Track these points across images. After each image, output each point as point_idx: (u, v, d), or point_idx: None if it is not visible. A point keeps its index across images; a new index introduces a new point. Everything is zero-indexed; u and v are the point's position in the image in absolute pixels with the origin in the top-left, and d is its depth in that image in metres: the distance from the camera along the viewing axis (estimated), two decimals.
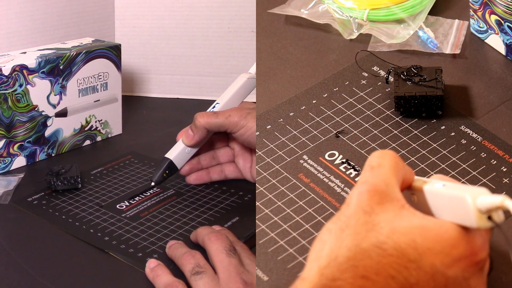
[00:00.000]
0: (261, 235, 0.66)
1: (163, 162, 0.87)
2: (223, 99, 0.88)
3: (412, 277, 0.49)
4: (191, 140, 0.86)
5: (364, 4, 0.83)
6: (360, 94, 0.77)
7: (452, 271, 0.50)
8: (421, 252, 0.50)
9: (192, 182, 0.90)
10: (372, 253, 0.49)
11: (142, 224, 0.81)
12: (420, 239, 0.50)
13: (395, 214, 0.51)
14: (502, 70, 0.79)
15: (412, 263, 0.49)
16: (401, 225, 0.51)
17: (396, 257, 0.49)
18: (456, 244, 0.50)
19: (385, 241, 0.50)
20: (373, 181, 0.53)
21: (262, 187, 0.70)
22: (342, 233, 0.51)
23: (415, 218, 0.51)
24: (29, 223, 0.82)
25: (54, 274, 0.72)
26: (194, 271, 0.67)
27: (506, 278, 0.60)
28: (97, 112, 1.06)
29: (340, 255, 0.50)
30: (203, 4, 1.25)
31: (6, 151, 0.94)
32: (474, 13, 0.81)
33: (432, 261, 0.50)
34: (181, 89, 1.29)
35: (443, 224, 0.51)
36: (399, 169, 0.55)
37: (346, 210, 0.53)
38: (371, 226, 0.51)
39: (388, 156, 0.55)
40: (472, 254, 0.51)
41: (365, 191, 0.52)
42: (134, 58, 1.29)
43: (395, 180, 0.54)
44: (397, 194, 0.53)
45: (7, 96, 0.92)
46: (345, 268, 0.49)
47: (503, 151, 0.71)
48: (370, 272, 0.48)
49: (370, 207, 0.52)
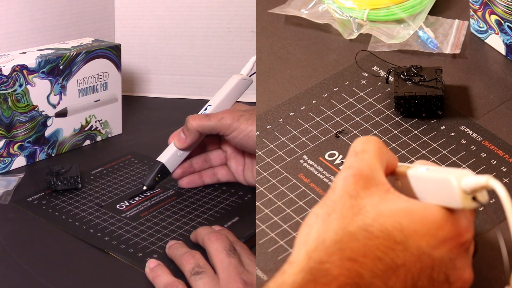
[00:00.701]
0: (261, 235, 0.66)
1: (155, 166, 0.87)
2: (215, 101, 0.87)
3: (399, 258, 0.50)
4: (183, 143, 0.85)
5: (364, 4, 0.83)
6: (360, 94, 0.77)
7: (438, 252, 0.51)
8: (407, 234, 0.50)
9: (185, 186, 0.89)
10: (359, 236, 0.50)
11: (142, 224, 0.81)
12: (406, 221, 0.51)
13: (380, 197, 0.52)
14: (502, 70, 0.79)
15: (398, 245, 0.50)
16: (387, 208, 0.51)
17: (383, 239, 0.50)
18: (441, 226, 0.51)
19: (372, 224, 0.50)
20: (358, 166, 0.54)
21: (262, 187, 0.70)
22: (329, 217, 0.52)
23: (401, 201, 0.52)
24: (29, 223, 0.82)
25: (54, 274, 0.72)
26: (194, 271, 0.67)
27: (505, 278, 0.60)
28: (97, 112, 1.06)
29: (327, 239, 0.50)
30: (203, 4, 1.25)
31: (6, 151, 0.94)
32: (474, 13, 0.81)
33: (418, 243, 0.50)
34: (181, 89, 1.29)
35: (428, 206, 0.52)
36: (382, 154, 0.56)
37: (332, 195, 0.53)
38: (357, 210, 0.51)
39: (372, 142, 0.56)
40: (458, 236, 0.52)
41: (350, 176, 0.53)
42: (134, 58, 1.29)
43: (379, 165, 0.55)
44: (382, 179, 0.54)
45: (7, 96, 0.92)
46: (332, 251, 0.49)
47: (503, 151, 0.71)
48: (357, 254, 0.49)
49: (355, 191, 0.52)
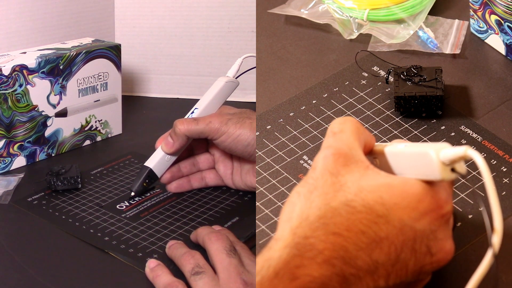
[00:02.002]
0: (261, 235, 0.66)
1: (143, 171, 0.86)
2: (202, 104, 0.86)
3: (381, 231, 0.51)
4: (171, 147, 0.84)
5: (364, 4, 0.83)
6: (360, 94, 0.77)
7: (419, 224, 0.52)
8: (388, 207, 0.52)
9: (173, 191, 0.88)
10: (341, 211, 0.51)
11: (142, 224, 0.81)
12: (387, 195, 0.52)
13: (360, 174, 0.54)
14: (502, 70, 0.79)
15: (380, 218, 0.51)
16: (367, 184, 0.53)
17: (365, 213, 0.51)
18: (421, 199, 0.53)
19: (353, 199, 0.52)
20: (337, 145, 0.55)
21: (262, 187, 0.70)
22: (311, 194, 0.53)
23: (380, 177, 0.54)
24: (29, 223, 0.82)
25: (54, 274, 0.72)
26: (194, 271, 0.67)
27: (506, 278, 0.60)
28: (97, 112, 1.06)
29: (311, 215, 0.52)
30: (203, 4, 1.25)
31: (6, 151, 0.94)
32: (474, 13, 0.81)
33: (400, 216, 0.52)
34: (181, 89, 1.29)
35: (407, 180, 0.53)
36: (360, 133, 0.57)
37: (313, 173, 0.55)
38: (338, 186, 0.53)
39: (349, 122, 0.57)
40: (438, 207, 0.53)
41: (330, 155, 0.55)
42: (134, 58, 1.29)
43: (357, 144, 0.56)
44: (361, 157, 0.55)
45: (7, 96, 0.92)
46: (316, 227, 0.51)
47: (503, 151, 0.71)
48: (341, 229, 0.50)
49: (336, 169, 0.54)
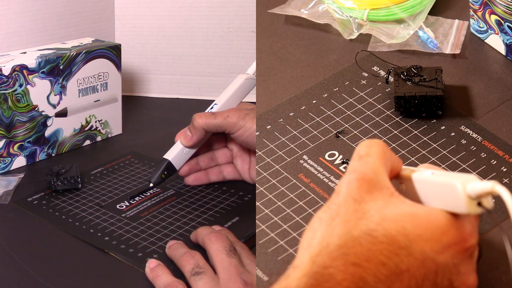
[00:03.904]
0: (261, 235, 0.66)
1: (162, 163, 0.87)
2: (221, 99, 0.88)
3: (402, 263, 0.49)
4: (189, 141, 0.86)
5: (364, 4, 0.83)
6: (360, 94, 0.77)
7: (442, 257, 0.51)
8: (411, 238, 0.50)
9: (191, 183, 0.90)
10: (362, 241, 0.50)
11: (142, 224, 0.81)
12: (410, 226, 0.51)
13: (384, 202, 0.52)
14: (502, 70, 0.79)
15: (402, 250, 0.50)
16: (391, 213, 0.51)
17: (387, 244, 0.50)
18: (445, 231, 0.51)
19: (376, 229, 0.50)
20: (362, 169, 0.54)
21: (262, 187, 0.70)
22: (333, 221, 0.52)
23: (405, 206, 0.52)
24: (29, 223, 0.82)
25: (54, 274, 0.72)
26: (194, 271, 0.67)
27: (506, 278, 0.60)
28: (97, 112, 1.06)
29: (331, 243, 0.50)
30: (203, 4, 1.25)
31: (6, 151, 0.94)
32: (474, 13, 0.81)
33: (422, 248, 0.50)
34: (181, 89, 1.29)
35: (432, 211, 0.52)
36: (387, 158, 0.56)
37: (336, 199, 0.53)
38: (361, 214, 0.51)
39: (376, 145, 0.56)
40: (462, 241, 0.52)
41: (354, 180, 0.53)
42: (134, 58, 1.29)
43: (383, 169, 0.54)
44: (386, 183, 0.54)
45: (7, 96, 0.92)
46: (336, 256, 0.49)
47: (503, 151, 0.71)
48: (361, 259, 0.49)
49: (359, 195, 0.52)
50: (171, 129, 0.95)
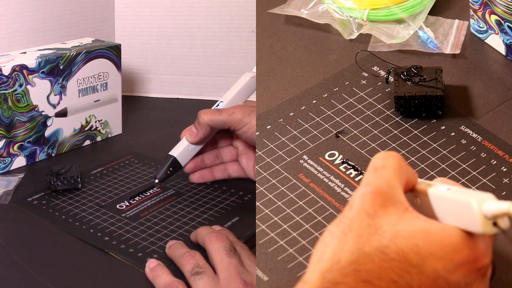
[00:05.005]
0: (261, 235, 0.65)
1: (167, 159, 0.88)
2: (227, 98, 0.88)
3: (414, 282, 0.49)
4: (195, 137, 0.86)
5: (364, 4, 0.83)
6: (360, 94, 0.77)
7: (454, 276, 0.50)
8: (423, 256, 0.49)
9: (195, 181, 0.90)
10: (374, 257, 0.49)
11: (142, 224, 0.81)
12: (423, 243, 0.50)
13: (398, 217, 0.51)
14: (502, 70, 0.79)
15: (414, 268, 0.49)
16: (404, 229, 0.50)
17: (399, 261, 0.49)
18: (459, 249, 0.50)
19: (388, 245, 0.50)
20: (377, 182, 0.53)
21: (262, 187, 0.70)
22: (345, 236, 0.51)
23: (418, 222, 0.51)
24: (29, 223, 0.82)
25: (54, 274, 0.72)
26: (193, 271, 0.67)
27: (506, 278, 0.60)
28: (97, 112, 1.06)
29: (342, 259, 0.49)
30: (203, 4, 1.25)
31: (6, 151, 0.94)
32: (474, 13, 0.81)
33: (435, 266, 0.49)
34: (181, 89, 1.29)
35: (446, 228, 0.51)
36: (402, 171, 0.55)
37: (349, 213, 0.52)
38: (374, 230, 0.51)
39: (392, 158, 0.55)
40: (475, 260, 0.51)
41: (369, 193, 0.52)
42: (134, 58, 1.29)
43: (398, 183, 0.53)
44: (401, 197, 0.53)
45: (7, 96, 0.92)
46: (347, 272, 0.48)
47: (503, 151, 0.71)
48: (372, 277, 0.48)
49: (373, 209, 0.51)
50: (171, 129, 0.95)
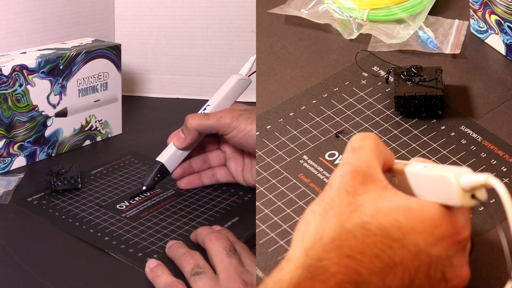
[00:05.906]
0: (261, 235, 0.66)
1: (154, 166, 0.86)
2: (214, 100, 0.87)
3: (396, 256, 0.50)
4: (182, 142, 0.85)
5: (364, 4, 0.83)
6: (360, 94, 0.77)
7: (435, 249, 0.51)
8: (404, 231, 0.51)
9: (184, 187, 0.89)
10: (356, 233, 0.50)
11: (142, 224, 0.81)
12: (404, 218, 0.51)
13: (378, 194, 0.52)
14: (502, 70, 0.79)
15: (396, 242, 0.50)
16: (384, 205, 0.52)
17: (381, 236, 0.50)
18: (439, 223, 0.51)
19: (369, 221, 0.51)
20: (355, 162, 0.54)
21: (262, 187, 0.70)
22: (326, 214, 0.52)
23: (398, 199, 0.52)
24: (29, 223, 0.82)
25: (54, 274, 0.72)
26: (193, 271, 0.67)
27: (506, 278, 0.60)
28: (97, 112, 1.06)
29: (325, 236, 0.50)
30: (203, 4, 1.25)
31: (6, 151, 0.94)
32: (474, 13, 0.81)
33: (416, 240, 0.51)
34: (181, 89, 1.29)
35: (425, 204, 0.52)
36: (380, 151, 0.56)
37: (329, 191, 0.53)
38: (354, 207, 0.52)
39: (370, 138, 0.56)
40: (455, 233, 0.52)
41: (348, 172, 0.53)
42: (134, 58, 1.29)
43: (376, 162, 0.55)
44: (380, 175, 0.54)
45: (7, 96, 0.92)
46: (330, 248, 0.49)
47: (503, 151, 0.71)
48: (355, 252, 0.49)
49: (353, 187, 0.52)
50: (171, 129, 0.94)
